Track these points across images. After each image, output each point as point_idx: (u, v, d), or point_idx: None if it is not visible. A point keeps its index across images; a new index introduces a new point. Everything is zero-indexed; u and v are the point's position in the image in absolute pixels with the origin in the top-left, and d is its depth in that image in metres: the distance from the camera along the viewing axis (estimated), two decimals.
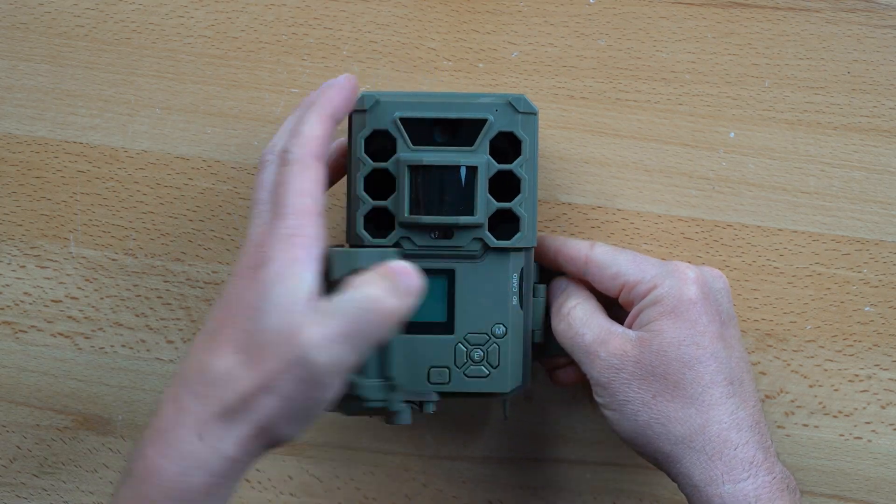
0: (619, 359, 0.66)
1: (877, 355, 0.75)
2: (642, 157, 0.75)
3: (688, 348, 0.65)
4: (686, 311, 0.66)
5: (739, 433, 0.64)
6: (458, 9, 0.75)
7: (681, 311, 0.66)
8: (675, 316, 0.65)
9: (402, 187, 0.68)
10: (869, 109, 0.75)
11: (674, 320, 0.65)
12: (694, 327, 0.65)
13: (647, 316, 0.66)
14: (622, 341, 0.66)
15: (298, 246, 0.59)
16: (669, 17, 0.75)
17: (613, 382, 0.66)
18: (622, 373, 0.65)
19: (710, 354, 0.65)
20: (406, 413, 0.70)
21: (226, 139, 0.76)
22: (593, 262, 0.68)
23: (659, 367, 0.65)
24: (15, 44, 0.76)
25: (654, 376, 0.65)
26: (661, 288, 0.66)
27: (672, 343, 0.65)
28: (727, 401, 0.65)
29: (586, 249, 0.69)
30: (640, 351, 0.65)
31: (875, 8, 0.74)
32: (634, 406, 0.65)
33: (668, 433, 0.65)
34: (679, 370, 0.65)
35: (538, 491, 0.76)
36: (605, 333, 0.66)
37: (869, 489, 0.75)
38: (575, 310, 0.68)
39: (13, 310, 0.77)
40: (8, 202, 0.76)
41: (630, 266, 0.68)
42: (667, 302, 0.66)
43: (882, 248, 0.75)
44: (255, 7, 0.76)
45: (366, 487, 0.77)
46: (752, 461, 0.64)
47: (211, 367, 0.58)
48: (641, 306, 0.67)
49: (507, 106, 0.68)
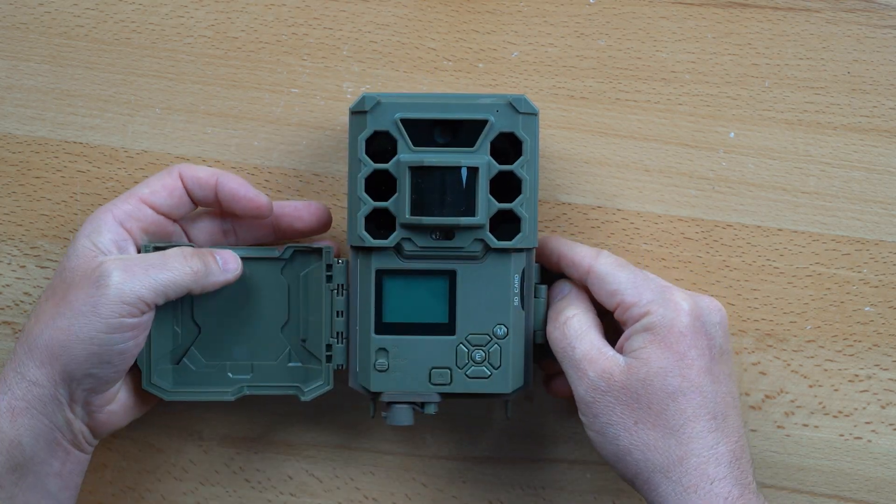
0: (606, 381, 0.66)
1: (877, 355, 0.75)
2: (642, 157, 0.75)
3: (673, 379, 0.65)
4: (675, 342, 0.66)
5: (717, 468, 0.65)
6: (458, 9, 0.75)
7: (670, 342, 0.66)
8: (664, 346, 0.66)
9: (404, 188, 0.68)
10: (869, 109, 0.75)
11: (662, 350, 0.66)
12: (682, 359, 0.66)
13: (638, 342, 0.66)
14: (611, 364, 0.66)
15: (107, 210, 0.69)
16: (669, 17, 0.75)
17: (597, 403, 0.66)
18: (607, 395, 0.66)
19: (695, 388, 0.65)
20: (407, 413, 0.70)
21: (226, 139, 0.76)
22: (594, 274, 0.69)
23: (643, 396, 0.65)
24: (15, 44, 0.76)
25: (637, 404, 0.65)
26: (654, 315, 0.66)
27: (658, 373, 0.65)
28: (708, 435, 0.65)
29: (590, 259, 0.69)
30: (627, 377, 0.66)
31: (875, 8, 0.74)
32: (616, 430, 0.66)
33: (647, 461, 0.65)
34: (663, 400, 0.65)
35: (538, 491, 0.76)
36: (596, 352, 0.67)
37: (869, 489, 0.75)
38: (572, 320, 0.68)
39: (13, 310, 0.77)
40: (8, 202, 0.76)
41: (628, 286, 0.68)
42: (657, 331, 0.66)
43: (882, 248, 0.75)
44: (255, 7, 0.76)
45: (366, 487, 0.77)
46: (727, 497, 0.64)
47: (33, 314, 0.68)
48: (633, 331, 0.67)
49: (507, 106, 0.68)
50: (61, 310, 0.66)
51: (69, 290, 0.66)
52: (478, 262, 0.69)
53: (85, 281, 0.66)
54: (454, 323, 0.69)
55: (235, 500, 0.77)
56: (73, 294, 0.66)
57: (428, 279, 0.69)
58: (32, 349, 0.66)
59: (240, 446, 0.77)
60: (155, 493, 0.77)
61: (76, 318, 0.65)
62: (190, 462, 0.77)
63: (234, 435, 0.77)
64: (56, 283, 0.68)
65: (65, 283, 0.67)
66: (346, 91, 0.76)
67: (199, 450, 0.77)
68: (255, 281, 0.71)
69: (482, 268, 0.69)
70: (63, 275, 0.68)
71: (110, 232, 0.68)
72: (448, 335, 0.69)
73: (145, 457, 0.77)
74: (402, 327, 0.70)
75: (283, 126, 0.76)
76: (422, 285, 0.69)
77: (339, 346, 0.71)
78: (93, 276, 0.66)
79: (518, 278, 0.69)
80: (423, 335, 0.69)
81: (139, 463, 0.77)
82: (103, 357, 0.66)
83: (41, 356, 0.66)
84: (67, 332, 0.65)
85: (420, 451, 0.77)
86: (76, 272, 0.67)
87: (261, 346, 0.72)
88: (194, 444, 0.77)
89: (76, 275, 0.67)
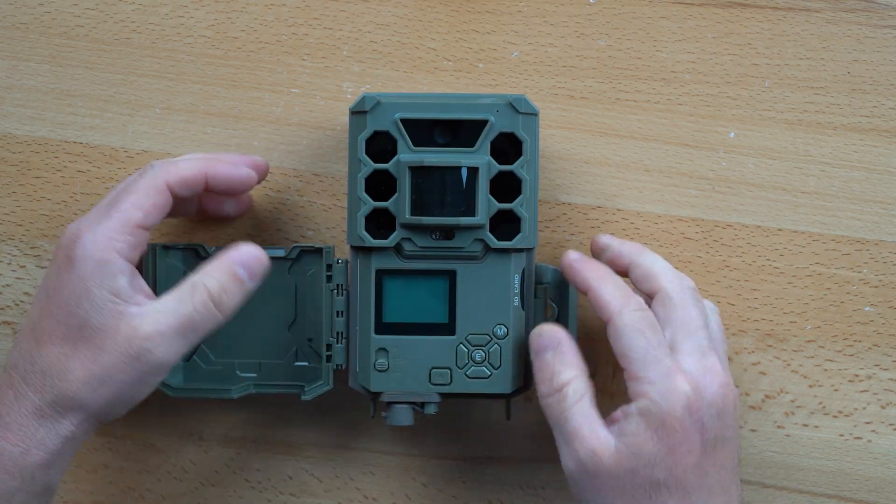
0: (594, 463, 0.65)
1: (877, 355, 0.75)
2: (642, 157, 0.75)
3: (659, 472, 0.64)
4: (667, 434, 0.64)
5: None
6: (458, 9, 0.75)
7: (661, 434, 0.64)
8: (655, 437, 0.64)
9: (404, 188, 0.68)
10: (869, 109, 0.75)
11: (653, 439, 0.64)
12: (671, 454, 0.64)
13: (631, 426, 0.65)
14: (601, 446, 0.65)
15: (110, 248, 0.65)
16: (669, 17, 0.75)
17: (582, 481, 0.65)
18: (594, 479, 0.65)
19: (678, 484, 0.64)
20: (407, 413, 0.70)
21: (226, 139, 0.76)
22: (613, 328, 0.66)
23: (629, 485, 0.64)
24: (15, 44, 0.76)
25: (622, 491, 0.64)
26: (651, 402, 0.64)
27: (646, 464, 0.64)
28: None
29: (615, 308, 0.66)
30: (615, 463, 0.64)
31: (875, 8, 0.74)
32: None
33: None
34: (647, 491, 0.64)
35: (538, 491, 0.76)
36: (588, 430, 0.65)
37: (869, 489, 0.75)
38: (568, 387, 0.66)
39: (13, 310, 0.77)
40: (8, 202, 0.76)
41: (638, 359, 0.65)
42: (651, 419, 0.64)
43: (882, 248, 0.75)
44: (255, 7, 0.76)
45: (366, 487, 0.77)
46: None
47: (40, 357, 0.65)
48: (628, 411, 0.65)
49: (507, 106, 0.68)
50: (96, 373, 0.64)
51: (102, 354, 0.64)
52: (478, 262, 0.69)
53: (122, 351, 0.64)
54: (454, 323, 0.69)
55: (235, 500, 0.77)
56: (110, 361, 0.64)
57: (428, 279, 0.69)
58: (64, 404, 0.64)
59: (240, 446, 0.77)
60: (155, 493, 0.77)
61: (119, 387, 0.64)
62: (190, 462, 0.77)
63: (234, 435, 0.77)
64: (72, 334, 0.65)
65: (89, 340, 0.64)
66: (346, 91, 0.76)
67: (199, 450, 0.77)
68: (264, 280, 0.71)
69: (482, 268, 0.69)
70: (84, 331, 0.64)
71: (123, 274, 0.65)
72: (448, 335, 0.69)
73: (145, 457, 0.77)
74: (402, 327, 0.70)
75: (283, 126, 0.76)
76: (422, 285, 0.69)
77: (339, 346, 0.71)
78: (131, 349, 0.64)
79: (518, 278, 0.69)
80: (423, 335, 0.69)
81: (139, 463, 0.77)
82: (136, 402, 0.67)
83: (76, 412, 0.65)
84: (109, 395, 0.64)
85: (420, 451, 0.77)
86: (106, 334, 0.64)
87: (269, 345, 0.72)
88: (194, 445, 0.77)
89: (106, 338, 0.64)
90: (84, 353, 0.64)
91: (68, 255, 0.65)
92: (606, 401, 0.75)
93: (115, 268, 0.65)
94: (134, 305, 0.65)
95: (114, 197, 0.67)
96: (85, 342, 0.64)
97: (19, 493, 0.64)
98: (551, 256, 0.75)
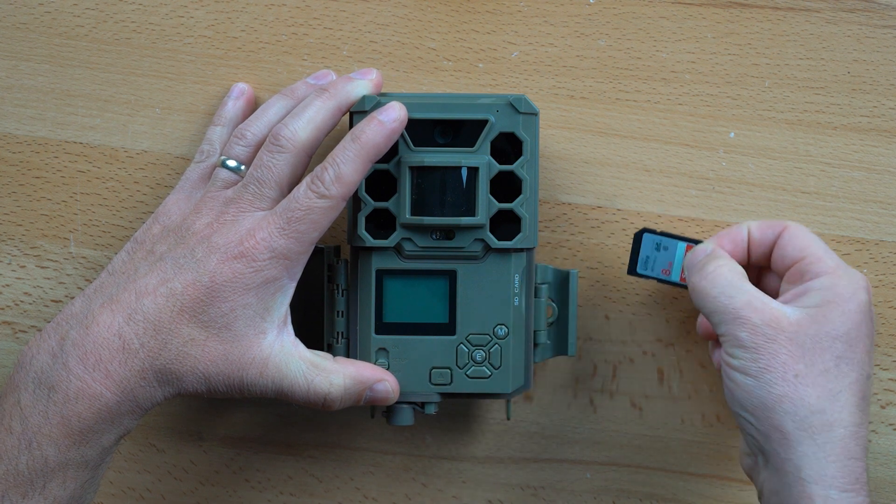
0: (774, 330, 0.64)
1: (877, 355, 0.75)
2: (642, 157, 0.75)
3: (842, 346, 0.65)
4: (852, 313, 0.65)
5: (857, 447, 0.64)
6: (458, 9, 0.75)
7: (847, 311, 0.65)
8: (840, 313, 0.65)
9: (404, 188, 0.68)
10: (869, 109, 0.75)
11: (838, 315, 0.65)
12: (855, 330, 0.65)
13: (815, 299, 0.66)
14: (778, 315, 0.65)
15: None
16: (669, 17, 0.75)
17: (762, 349, 0.65)
18: (773, 343, 0.64)
19: (858, 362, 0.65)
20: (408, 413, 0.70)
21: None
22: (791, 229, 0.68)
23: (809, 352, 0.64)
24: (15, 44, 0.76)
25: (803, 359, 0.64)
26: (839, 281, 0.66)
27: (831, 335, 0.65)
28: (858, 412, 0.65)
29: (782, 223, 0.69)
30: (797, 330, 0.65)
31: (875, 8, 0.75)
32: (773, 377, 0.64)
33: (797, 416, 0.64)
34: (828, 363, 0.64)
35: (538, 491, 0.76)
36: (759, 302, 0.65)
37: (869, 489, 0.75)
38: (722, 269, 0.67)
39: (13, 310, 0.77)
40: (8, 202, 0.76)
41: (820, 249, 0.67)
42: (839, 296, 0.65)
43: (882, 248, 0.75)
44: (255, 7, 0.76)
45: (366, 487, 0.77)
46: (859, 479, 0.64)
47: (171, 332, 0.65)
48: (811, 287, 0.66)
49: (507, 106, 0.68)
50: (212, 370, 0.66)
51: (229, 358, 0.67)
52: (478, 262, 0.69)
53: (248, 363, 0.67)
54: (454, 323, 0.69)
55: (235, 500, 0.77)
56: (229, 369, 0.67)
57: (428, 279, 0.69)
58: (168, 379, 0.66)
59: (240, 446, 0.77)
60: (155, 493, 0.77)
61: (217, 388, 0.67)
62: (190, 462, 0.77)
63: (234, 435, 0.77)
64: (212, 325, 0.66)
65: (224, 341, 0.66)
66: None
67: (199, 450, 0.77)
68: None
69: (482, 268, 0.69)
70: (224, 332, 0.66)
71: (285, 298, 0.68)
72: (448, 335, 0.69)
73: (145, 457, 0.77)
74: (403, 327, 0.70)
75: None
76: (422, 285, 0.69)
77: (340, 346, 0.71)
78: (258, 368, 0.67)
79: (518, 278, 0.69)
80: (424, 335, 0.69)
81: (139, 463, 0.77)
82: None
83: (173, 386, 0.67)
84: (206, 389, 0.67)
85: (420, 451, 0.77)
86: (241, 344, 0.67)
87: None
88: (194, 444, 0.77)
89: (238, 345, 0.67)
90: (214, 346, 0.66)
91: (243, 252, 0.66)
92: (606, 400, 0.75)
93: (283, 287, 0.67)
94: (275, 331, 0.67)
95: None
96: (218, 338, 0.66)
97: (108, 434, 0.66)
98: (551, 256, 0.75)
